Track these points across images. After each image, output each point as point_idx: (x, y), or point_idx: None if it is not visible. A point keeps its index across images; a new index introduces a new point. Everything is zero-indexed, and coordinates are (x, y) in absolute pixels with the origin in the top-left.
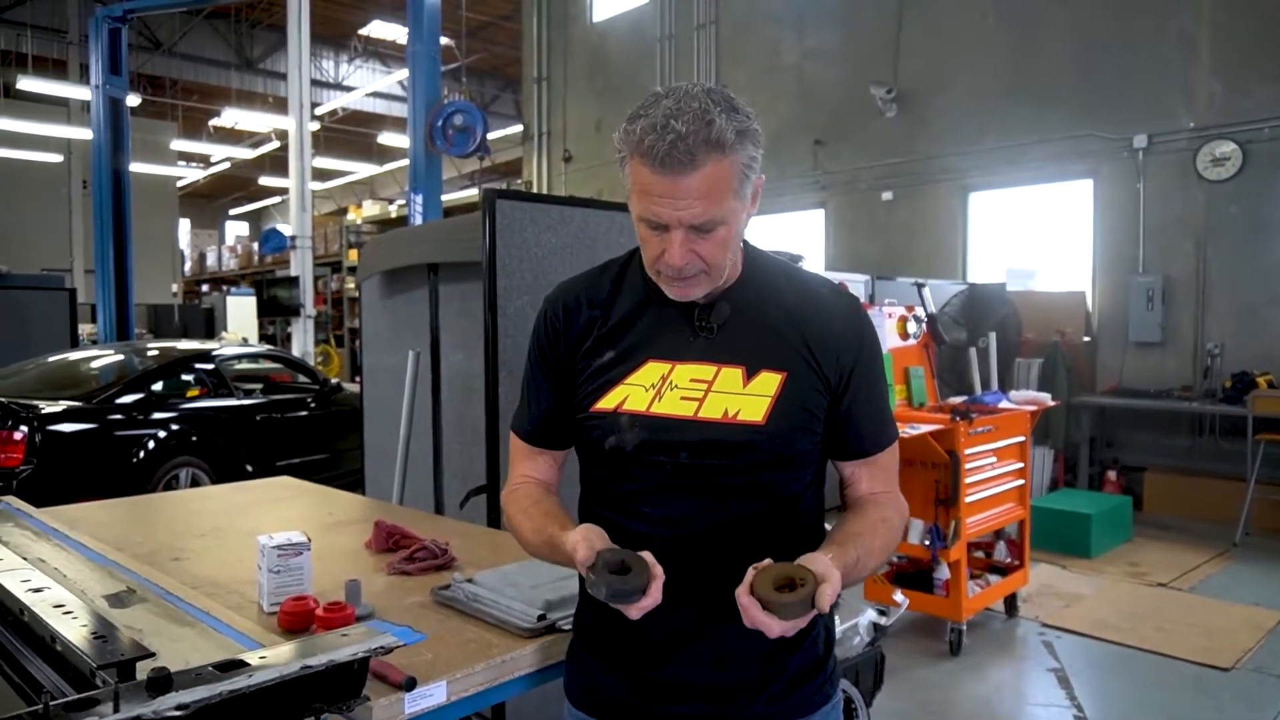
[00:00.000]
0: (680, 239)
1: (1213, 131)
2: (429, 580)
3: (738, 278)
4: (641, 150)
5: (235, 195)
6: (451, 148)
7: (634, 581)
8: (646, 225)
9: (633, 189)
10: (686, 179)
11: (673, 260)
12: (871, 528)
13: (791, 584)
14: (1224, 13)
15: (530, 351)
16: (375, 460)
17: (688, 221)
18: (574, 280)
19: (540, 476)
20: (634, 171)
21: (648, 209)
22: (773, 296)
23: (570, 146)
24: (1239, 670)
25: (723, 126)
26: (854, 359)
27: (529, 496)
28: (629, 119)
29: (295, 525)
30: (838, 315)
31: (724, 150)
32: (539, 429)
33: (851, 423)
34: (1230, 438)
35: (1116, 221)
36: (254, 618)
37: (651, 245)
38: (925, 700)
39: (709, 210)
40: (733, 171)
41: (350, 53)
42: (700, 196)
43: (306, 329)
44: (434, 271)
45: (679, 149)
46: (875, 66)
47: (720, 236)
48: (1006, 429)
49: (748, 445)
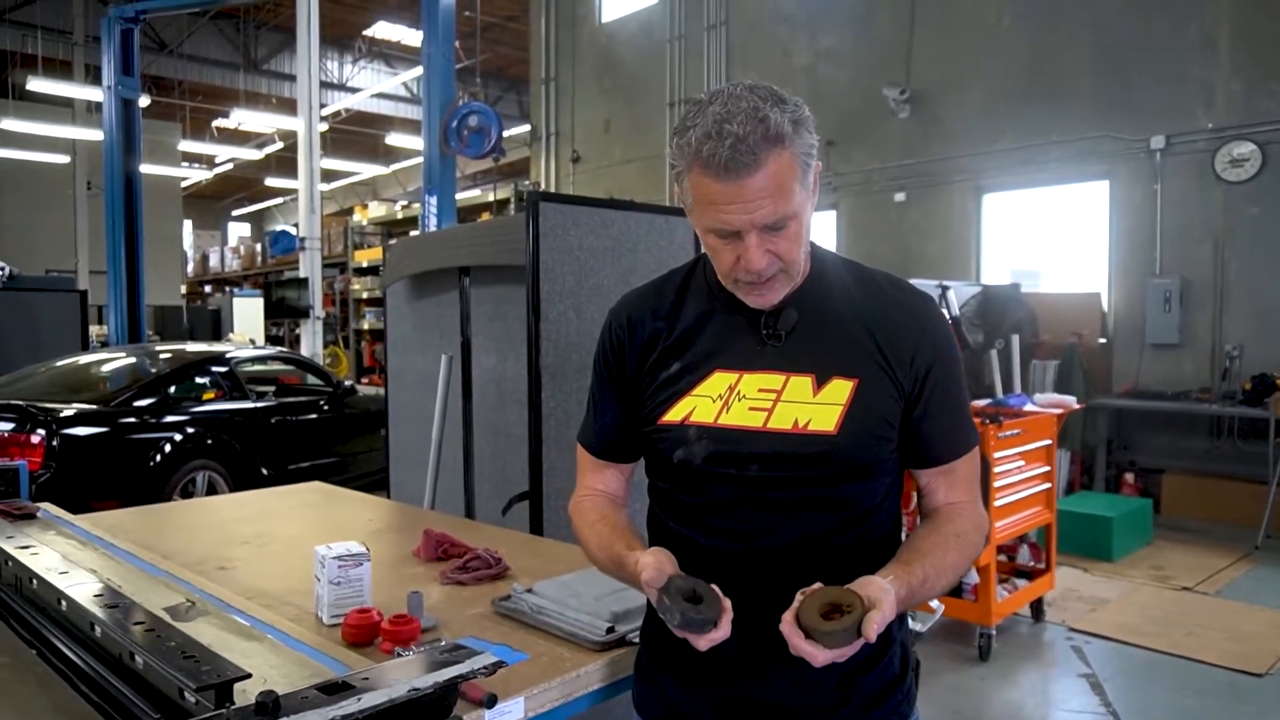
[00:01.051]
0: (755, 242)
1: (1231, 132)
2: (484, 590)
3: (804, 280)
4: (701, 160)
5: (238, 196)
6: (467, 149)
7: (706, 612)
8: (716, 235)
9: (695, 201)
10: (752, 180)
11: (752, 264)
12: (943, 542)
13: (839, 609)
14: (1245, 12)
15: (596, 363)
16: (401, 465)
17: (760, 223)
18: (638, 291)
19: (607, 489)
20: (695, 184)
21: (717, 218)
22: (842, 299)
23: (579, 147)
24: (1273, 676)
25: (778, 120)
26: (929, 362)
27: (595, 510)
28: (678, 132)
29: (338, 533)
30: (911, 316)
31: (783, 143)
32: (605, 442)
33: (927, 429)
34: (1250, 440)
35: (1133, 223)
36: (313, 629)
37: (724, 255)
38: (959, 707)
39: (779, 207)
40: (795, 163)
41: (355, 54)
42: (769, 195)
43: (316, 330)
44: (465, 275)
45: (740, 151)
46: (888, 67)
47: (793, 231)
48: (1034, 432)
49: (820, 457)
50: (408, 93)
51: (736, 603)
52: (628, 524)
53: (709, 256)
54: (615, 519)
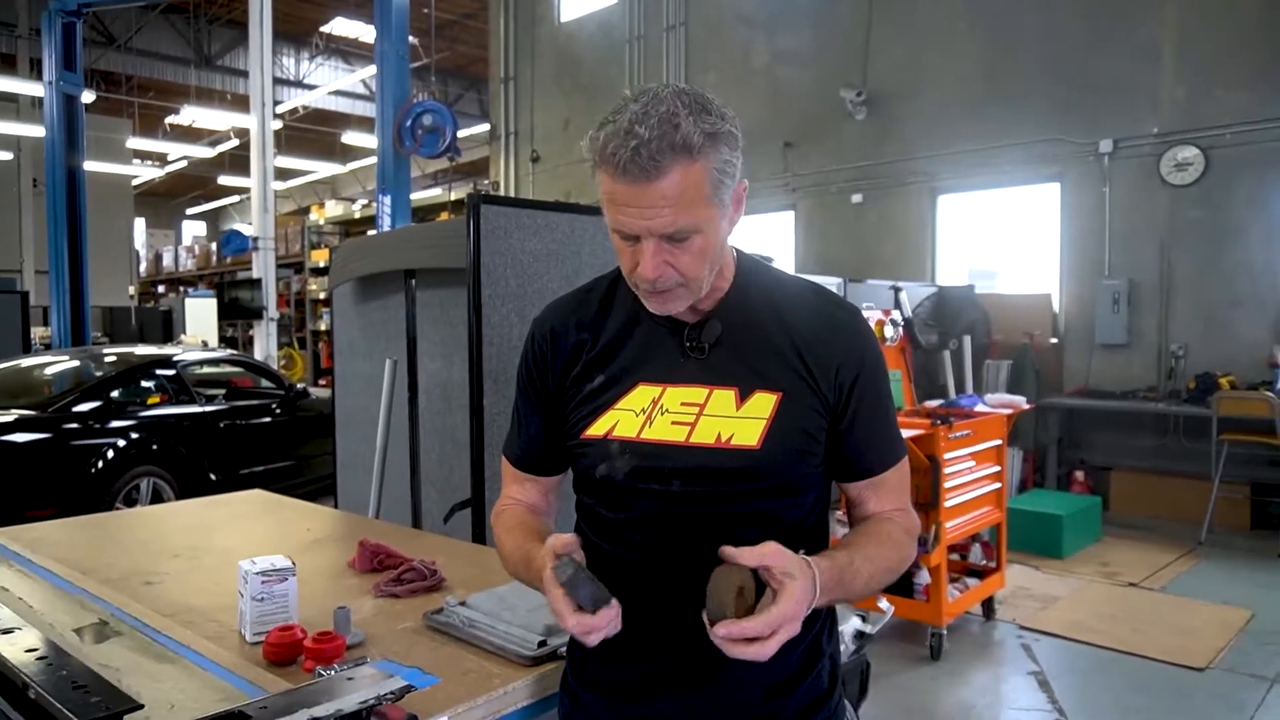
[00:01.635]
0: (652, 249)
1: (1176, 137)
2: (419, 603)
3: (729, 291)
4: (605, 158)
5: (192, 194)
6: (421, 148)
7: (598, 589)
8: (619, 236)
9: (603, 198)
10: (652, 186)
11: (645, 273)
12: (873, 538)
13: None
14: (1190, 21)
15: (518, 375)
16: (348, 471)
17: (657, 231)
18: (561, 301)
19: (527, 500)
20: (602, 180)
21: (615, 219)
22: (767, 311)
23: (538, 147)
24: (1213, 670)
25: (689, 130)
26: (854, 374)
27: (515, 516)
28: (598, 125)
29: (272, 543)
30: (836, 329)
31: (691, 154)
32: (528, 456)
33: (854, 442)
34: (1194, 438)
35: (1083, 225)
36: (236, 649)
37: (626, 257)
38: (910, 706)
39: (679, 219)
40: (705, 177)
41: (312, 50)
42: (669, 205)
43: (269, 332)
44: (410, 278)
45: (641, 155)
46: (846, 69)
47: (696, 246)
48: (984, 433)
49: (743, 472)
50: (366, 90)
51: (660, 621)
52: (544, 531)
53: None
54: (531, 525)
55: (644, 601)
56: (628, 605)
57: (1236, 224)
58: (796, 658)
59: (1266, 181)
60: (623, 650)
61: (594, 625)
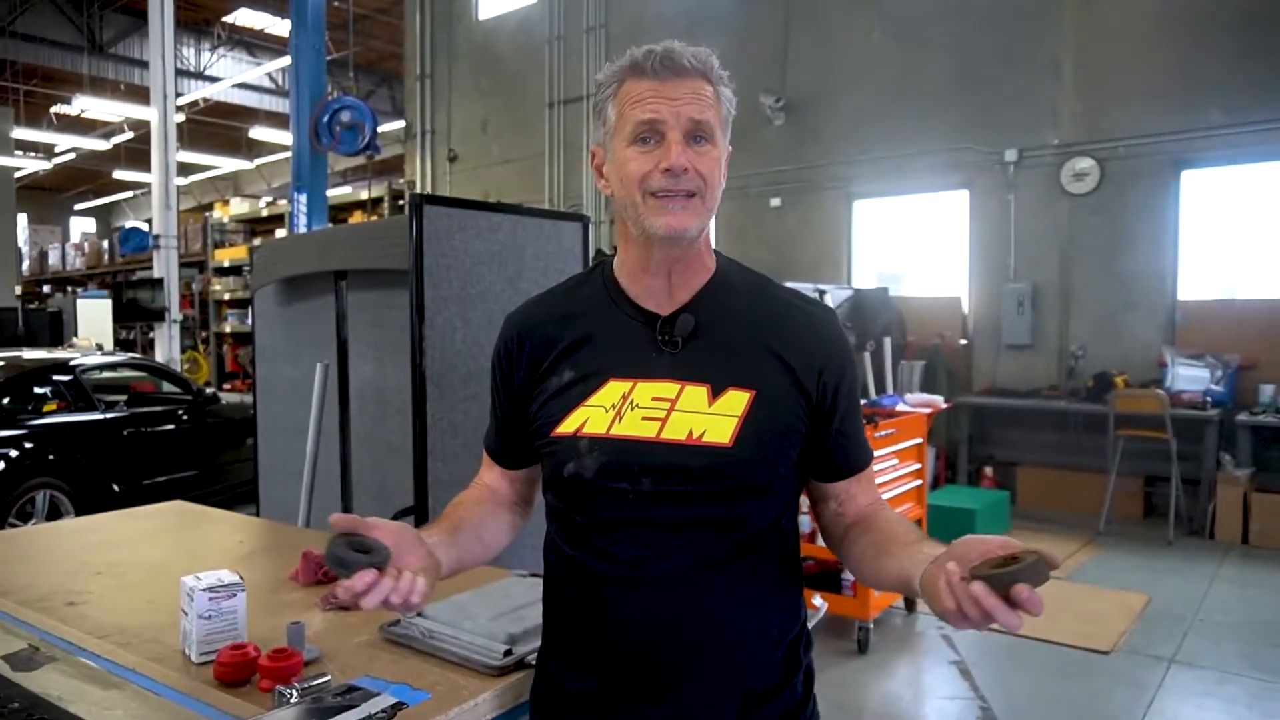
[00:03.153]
0: (678, 140)
1: (1074, 148)
2: (371, 616)
3: (706, 284)
4: (636, 65)
5: (82, 189)
6: (339, 145)
7: (356, 556)
8: (638, 141)
9: (622, 111)
10: (685, 81)
11: (674, 158)
12: (913, 529)
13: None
14: (1086, 38)
15: (492, 372)
16: (272, 479)
17: (686, 115)
18: (535, 298)
19: (493, 485)
20: (625, 94)
21: (644, 109)
22: (743, 308)
23: (456, 146)
24: (1118, 653)
25: (706, 52)
26: (838, 375)
27: (458, 499)
28: (612, 63)
29: (202, 557)
30: (818, 330)
31: (709, 76)
32: (498, 448)
33: (842, 441)
34: (1093, 434)
35: (989, 231)
36: (182, 670)
37: (641, 162)
38: (841, 701)
39: (705, 113)
40: (719, 102)
41: (214, 41)
42: (699, 98)
43: (173, 335)
44: (341, 279)
45: (674, 55)
46: (765, 76)
47: (711, 153)
48: (906, 431)
49: (714, 470)
50: (272, 84)
51: (629, 629)
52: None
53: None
54: (462, 511)
55: (612, 611)
56: (600, 615)
57: (1129, 232)
58: (774, 667)
59: (1155, 192)
60: (594, 661)
61: (350, 587)
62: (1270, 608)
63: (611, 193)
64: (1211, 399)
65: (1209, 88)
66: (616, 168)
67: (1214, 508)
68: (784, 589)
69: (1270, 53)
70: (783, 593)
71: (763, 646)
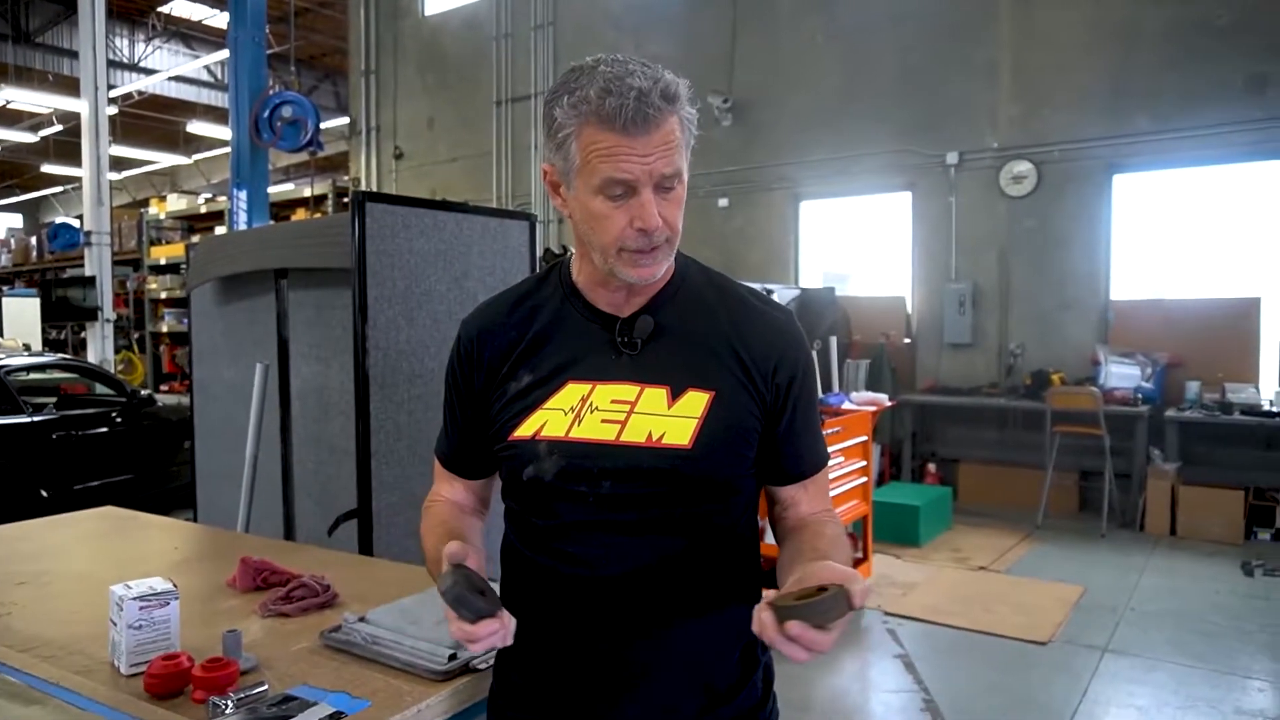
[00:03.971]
0: (650, 198)
1: (1012, 152)
2: (312, 621)
3: (665, 286)
4: (603, 114)
5: (7, 183)
6: (280, 141)
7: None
8: (607, 197)
9: (588, 160)
10: (653, 134)
11: (649, 220)
12: (834, 544)
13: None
14: (1022, 45)
15: (447, 376)
16: (210, 482)
17: (658, 171)
18: (489, 301)
19: (456, 499)
20: (590, 140)
21: (617, 168)
22: (701, 309)
23: (401, 144)
24: (1055, 643)
25: (669, 79)
26: (791, 375)
27: (438, 515)
28: (564, 92)
29: (135, 565)
30: (775, 330)
31: (675, 104)
32: (455, 457)
33: (792, 443)
34: (1031, 430)
35: (931, 232)
36: (110, 682)
37: (615, 219)
38: (787, 697)
39: (674, 160)
40: (682, 126)
41: (149, 32)
42: (669, 148)
43: (106, 334)
44: (281, 278)
45: (645, 103)
46: (712, 76)
47: (678, 195)
48: (853, 429)
49: (674, 472)
50: (211, 77)
51: (591, 632)
52: (466, 534)
53: (590, 230)
54: (454, 525)
55: (571, 614)
56: (560, 618)
57: (1064, 234)
58: (734, 666)
59: (1088, 196)
60: (555, 664)
61: (473, 634)
62: (1195, 597)
63: (570, 215)
64: (1142, 396)
65: (1138, 95)
66: (582, 210)
67: (1144, 501)
68: (744, 588)
69: (1193, 63)
70: (743, 592)
71: (724, 645)
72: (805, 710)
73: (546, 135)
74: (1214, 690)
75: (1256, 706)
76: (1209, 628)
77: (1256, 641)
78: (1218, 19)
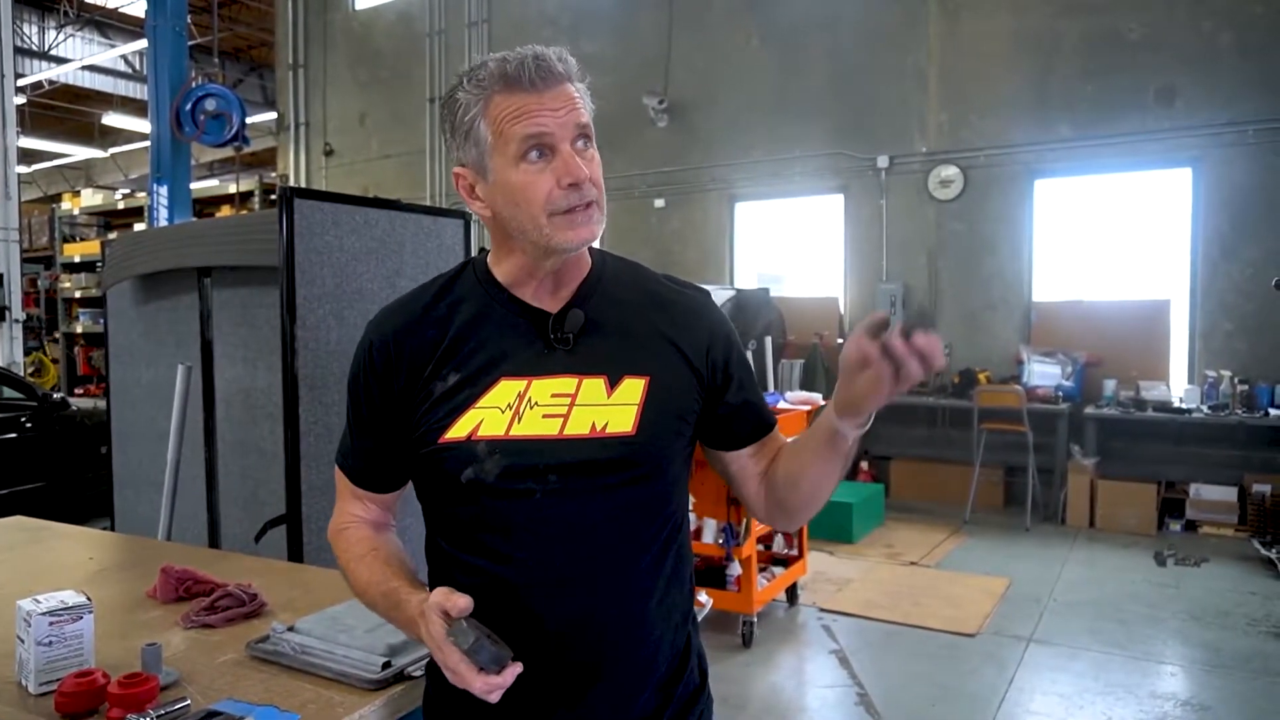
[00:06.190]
0: (571, 154)
1: (940, 156)
2: (238, 632)
3: (586, 278)
4: (507, 76)
5: None
6: (204, 135)
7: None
8: (529, 162)
9: (502, 124)
10: (562, 88)
11: (576, 172)
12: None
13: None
14: (949, 53)
15: (351, 386)
16: (129, 489)
17: (573, 123)
18: (398, 302)
19: (369, 518)
20: (500, 106)
21: (533, 123)
22: (625, 297)
23: (332, 140)
24: (983, 635)
25: (570, 59)
26: (725, 349)
27: (363, 541)
28: (468, 78)
29: (47, 577)
30: (697, 310)
31: (575, 78)
32: (366, 472)
33: (745, 409)
34: (959, 427)
35: (863, 233)
36: (17, 703)
37: (540, 184)
38: (725, 694)
39: (584, 114)
40: (585, 102)
41: (60, 18)
42: (578, 103)
43: (15, 335)
44: (205, 276)
45: (545, 62)
46: (648, 77)
47: (595, 157)
48: (787, 429)
49: (622, 460)
50: (128, 67)
51: (538, 634)
52: (401, 557)
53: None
54: (386, 552)
55: (516, 616)
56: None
57: (990, 237)
58: (675, 653)
59: (1012, 200)
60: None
61: (500, 684)
62: (1113, 586)
63: (491, 214)
64: (1062, 394)
65: (1058, 104)
66: (504, 190)
67: (1065, 495)
68: (683, 572)
69: (1110, 73)
70: (682, 576)
71: (670, 633)
72: (742, 708)
73: (452, 133)
74: (1130, 676)
75: (1169, 690)
76: (1126, 616)
77: (1168, 628)
78: (1130, 32)
